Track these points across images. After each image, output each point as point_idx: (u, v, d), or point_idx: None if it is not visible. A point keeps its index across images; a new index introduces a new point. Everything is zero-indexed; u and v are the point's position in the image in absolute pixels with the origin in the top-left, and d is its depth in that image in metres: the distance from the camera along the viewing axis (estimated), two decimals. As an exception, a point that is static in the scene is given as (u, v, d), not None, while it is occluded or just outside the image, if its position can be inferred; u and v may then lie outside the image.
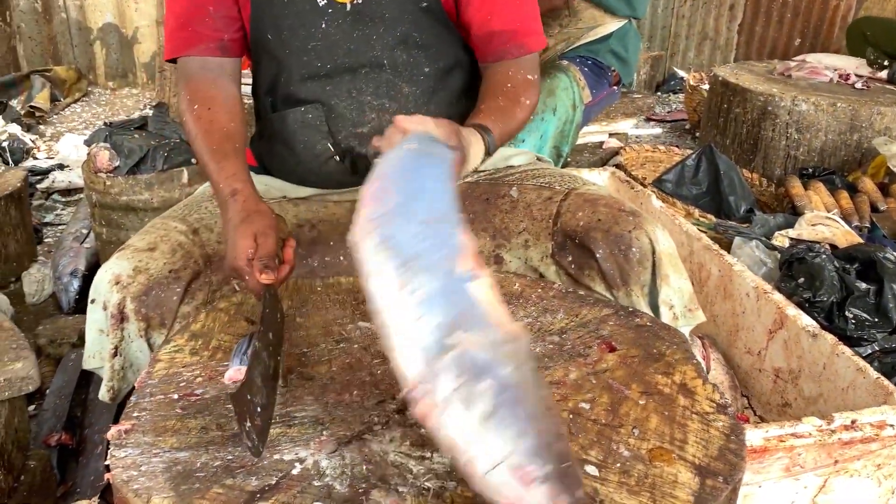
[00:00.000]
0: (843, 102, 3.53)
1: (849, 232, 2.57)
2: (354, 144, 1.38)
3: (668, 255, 1.30)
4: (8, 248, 2.77)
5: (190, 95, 1.32)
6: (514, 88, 1.33)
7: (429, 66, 1.38)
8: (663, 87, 6.40)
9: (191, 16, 1.33)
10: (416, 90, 1.38)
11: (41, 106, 4.82)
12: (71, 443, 1.86)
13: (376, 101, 1.37)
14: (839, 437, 1.39)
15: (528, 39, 1.38)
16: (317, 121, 1.36)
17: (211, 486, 0.80)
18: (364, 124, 1.37)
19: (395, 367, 0.74)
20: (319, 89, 1.36)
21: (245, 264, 1.08)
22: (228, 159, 1.23)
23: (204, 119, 1.29)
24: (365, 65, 1.35)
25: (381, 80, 1.36)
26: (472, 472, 0.68)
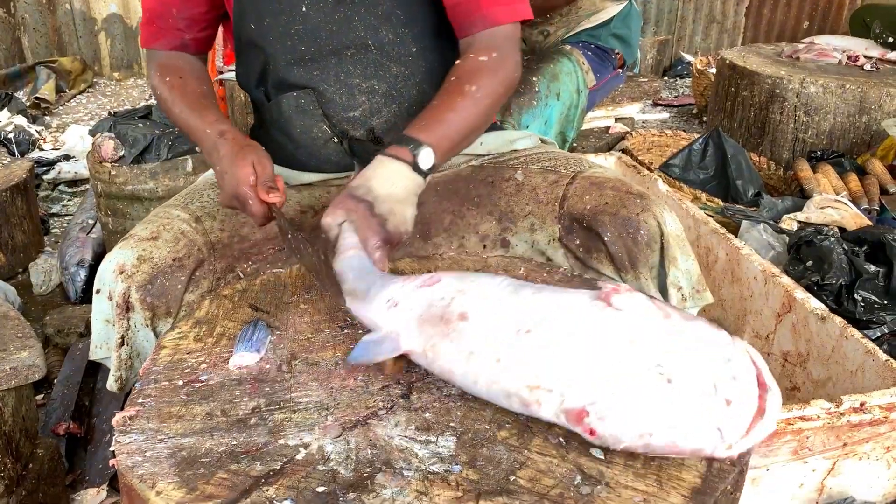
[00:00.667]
0: (851, 84, 3.50)
1: (858, 214, 2.55)
2: (348, 128, 1.38)
3: (676, 237, 1.29)
4: (15, 239, 2.78)
5: (160, 71, 1.39)
6: (457, 79, 1.24)
7: (415, 46, 1.36)
8: (670, 72, 6.36)
9: (157, 13, 1.40)
10: (404, 70, 1.36)
11: (47, 97, 4.83)
12: (79, 432, 1.87)
13: (365, 83, 1.35)
14: (848, 419, 1.38)
15: (494, 10, 1.27)
16: (310, 105, 1.36)
17: (216, 472, 0.79)
18: (355, 108, 1.37)
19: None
20: (307, 74, 1.35)
21: (249, 189, 1.15)
22: (209, 110, 1.30)
23: (177, 86, 1.35)
24: (349, 46, 1.33)
25: (367, 61, 1.34)
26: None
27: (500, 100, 1.29)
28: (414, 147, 1.13)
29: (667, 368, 0.78)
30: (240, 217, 1.33)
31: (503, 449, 0.84)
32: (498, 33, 1.28)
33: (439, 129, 1.17)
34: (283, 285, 1.20)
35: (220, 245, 1.29)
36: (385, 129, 1.39)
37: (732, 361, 0.78)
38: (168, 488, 0.77)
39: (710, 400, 0.76)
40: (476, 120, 1.24)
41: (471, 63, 1.26)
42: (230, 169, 1.18)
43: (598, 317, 0.84)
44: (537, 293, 0.90)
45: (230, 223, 1.32)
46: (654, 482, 0.79)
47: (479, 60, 1.25)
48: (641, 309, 0.84)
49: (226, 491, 0.77)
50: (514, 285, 0.92)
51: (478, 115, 1.23)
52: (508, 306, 0.88)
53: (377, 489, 0.78)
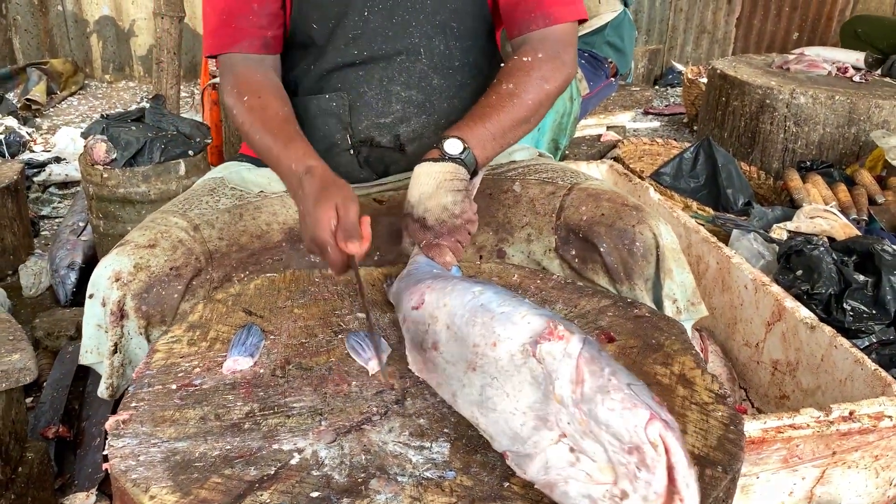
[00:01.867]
0: (841, 95, 3.53)
1: (847, 224, 2.57)
2: (374, 134, 1.39)
3: (672, 250, 1.29)
4: (5, 241, 2.76)
5: (238, 88, 1.31)
6: (497, 79, 1.29)
7: (459, 60, 1.39)
8: (661, 81, 6.40)
9: (235, 12, 1.33)
10: (444, 83, 1.39)
11: (38, 99, 4.80)
12: (68, 435, 1.86)
13: (405, 92, 1.37)
14: (837, 428, 1.39)
15: (555, 9, 1.32)
16: (339, 109, 1.37)
17: (210, 476, 0.79)
18: (388, 114, 1.38)
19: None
20: (353, 75, 1.36)
21: (328, 236, 1.06)
22: (294, 141, 1.22)
23: (257, 108, 1.28)
24: (401, 52, 1.35)
25: (414, 70, 1.36)
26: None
27: (546, 95, 1.31)
28: (439, 141, 1.20)
29: (571, 441, 0.75)
30: (238, 226, 1.32)
31: (497, 455, 0.84)
32: (551, 34, 1.33)
33: (468, 122, 1.24)
34: (276, 290, 1.20)
35: (219, 254, 1.27)
36: (410, 138, 1.40)
37: (636, 453, 0.69)
38: (162, 492, 0.77)
39: (607, 487, 0.72)
40: (515, 112, 1.27)
41: (512, 64, 1.32)
42: (312, 209, 1.09)
43: (521, 367, 0.81)
44: (486, 325, 0.87)
45: (229, 232, 1.30)
46: (647, 489, 0.80)
47: (522, 61, 1.31)
48: (562, 368, 0.77)
49: (220, 495, 0.77)
50: (473, 310, 0.90)
51: (517, 108, 1.27)
52: (462, 339, 0.89)
53: (371, 495, 0.78)
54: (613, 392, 0.72)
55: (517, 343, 0.82)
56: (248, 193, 1.40)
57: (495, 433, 0.83)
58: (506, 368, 0.82)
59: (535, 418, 0.78)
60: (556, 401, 0.76)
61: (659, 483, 0.68)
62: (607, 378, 0.73)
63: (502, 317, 0.85)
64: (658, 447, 0.68)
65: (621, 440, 0.70)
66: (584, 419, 0.73)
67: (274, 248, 1.32)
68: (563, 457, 0.75)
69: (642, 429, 0.69)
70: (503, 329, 0.84)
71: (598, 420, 0.71)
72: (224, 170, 1.48)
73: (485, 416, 0.85)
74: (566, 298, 1.19)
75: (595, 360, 0.75)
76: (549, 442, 0.77)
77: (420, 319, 0.97)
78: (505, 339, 0.83)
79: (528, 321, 0.83)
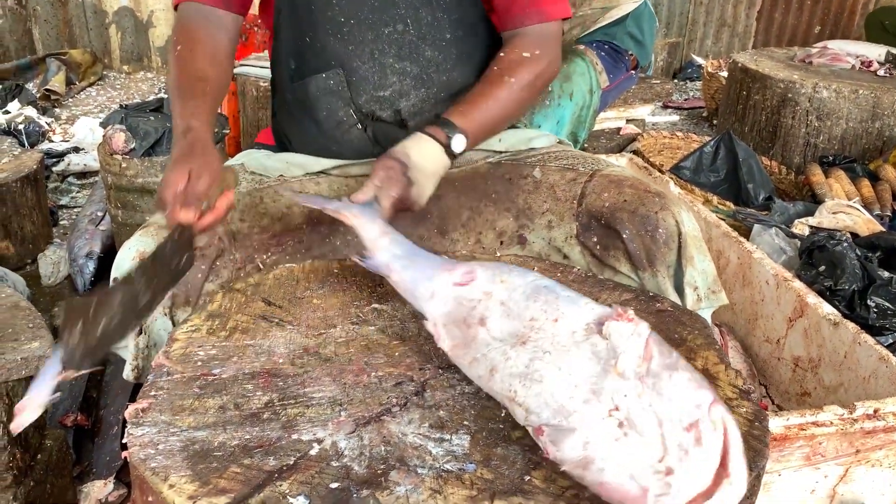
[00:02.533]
0: (864, 90, 3.48)
1: (870, 220, 2.54)
2: (375, 108, 1.38)
3: (693, 237, 1.29)
4: (24, 230, 2.78)
5: (177, 38, 1.31)
6: (498, 70, 1.32)
7: (451, 32, 1.37)
8: (680, 75, 6.34)
9: None
10: (437, 55, 1.37)
11: (57, 89, 4.83)
12: (87, 423, 1.87)
13: (398, 63, 1.36)
14: (861, 426, 1.37)
15: (548, 6, 1.36)
16: (338, 86, 1.36)
17: (229, 466, 0.79)
18: (385, 87, 1.37)
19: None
20: (342, 49, 1.35)
21: (170, 196, 1.05)
22: (195, 98, 1.21)
23: (182, 59, 1.27)
24: (388, 23, 1.34)
25: (403, 42, 1.35)
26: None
27: (537, 94, 1.38)
28: (450, 131, 1.23)
29: (623, 415, 0.74)
30: (259, 208, 1.33)
31: (518, 448, 0.83)
32: (545, 30, 1.36)
33: (476, 116, 1.26)
34: (295, 280, 1.19)
35: (241, 235, 1.28)
36: (411, 113, 1.39)
37: (695, 431, 0.69)
38: (181, 481, 0.76)
39: (651, 463, 0.70)
40: (511, 111, 1.33)
41: (515, 56, 1.33)
42: (168, 168, 1.10)
43: (582, 343, 0.81)
44: (549, 302, 0.88)
45: (250, 214, 1.32)
46: (671, 485, 0.78)
47: (523, 55, 1.32)
48: (629, 344, 0.77)
49: (239, 485, 0.76)
50: (535, 289, 0.90)
51: (513, 106, 1.32)
52: (518, 315, 0.89)
53: (391, 486, 0.77)
54: (682, 370, 0.74)
55: (581, 321, 0.83)
56: (268, 178, 1.41)
57: (536, 405, 0.80)
58: (563, 343, 0.82)
59: (588, 391, 0.77)
60: (617, 374, 0.76)
61: (711, 462, 0.68)
62: (675, 359, 0.75)
63: (567, 299, 0.87)
64: (717, 428, 0.69)
65: (682, 417, 0.70)
66: (646, 392, 0.73)
67: (295, 230, 1.32)
68: (609, 432, 0.74)
69: (706, 407, 0.70)
70: (568, 308, 0.85)
71: (662, 393, 0.72)
72: (244, 156, 1.50)
73: (527, 388, 0.82)
74: (587, 292, 1.17)
75: (663, 344, 0.78)
76: (597, 416, 0.75)
77: (466, 295, 0.95)
78: (569, 316, 0.84)
79: (592, 308, 0.85)
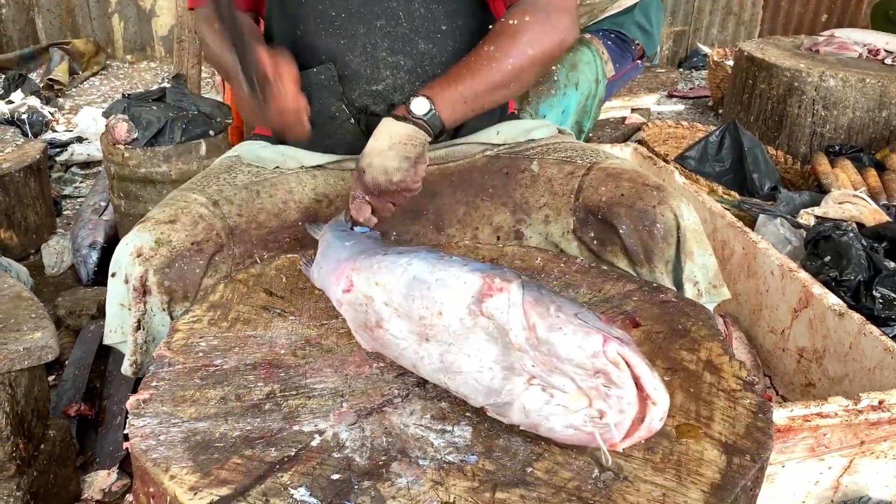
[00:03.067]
0: (872, 78, 3.45)
1: (877, 210, 2.52)
2: (369, 103, 1.36)
3: (693, 231, 1.27)
4: (27, 220, 2.78)
5: (209, 25, 1.35)
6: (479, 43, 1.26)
7: (446, 24, 1.34)
8: (686, 63, 6.30)
9: None
10: (431, 48, 1.35)
11: (60, 79, 4.82)
12: (90, 413, 1.87)
13: (391, 57, 1.33)
14: (866, 417, 1.36)
15: None
16: (330, 81, 1.34)
17: (230, 457, 0.79)
18: (379, 82, 1.35)
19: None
20: (334, 43, 1.33)
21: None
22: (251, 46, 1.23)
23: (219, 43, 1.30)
24: (380, 16, 1.31)
25: (396, 35, 1.33)
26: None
27: (529, 61, 1.26)
28: (408, 100, 1.20)
29: (539, 381, 0.79)
30: (256, 204, 1.32)
31: (520, 440, 0.83)
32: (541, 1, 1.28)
33: (442, 81, 1.22)
34: (297, 270, 1.19)
35: (238, 230, 1.28)
36: None
37: (602, 375, 0.75)
38: (182, 472, 0.76)
39: (584, 412, 0.76)
40: (492, 76, 1.24)
41: (498, 27, 1.28)
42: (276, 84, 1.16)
43: (473, 327, 0.83)
44: (425, 297, 0.87)
45: (247, 209, 1.31)
46: (674, 477, 0.78)
47: (508, 24, 1.27)
48: (511, 317, 0.79)
49: (240, 476, 0.76)
50: (409, 285, 0.89)
51: (494, 72, 1.24)
52: (407, 315, 0.89)
53: (392, 478, 0.77)
54: (564, 327, 0.76)
55: (462, 307, 0.83)
56: (264, 170, 1.40)
57: (468, 392, 0.84)
58: (458, 332, 0.84)
59: (502, 370, 0.81)
60: (516, 349, 0.79)
61: (630, 394, 0.74)
62: (555, 315, 0.77)
63: (438, 284, 0.86)
64: (619, 363, 0.73)
65: (585, 368, 0.75)
66: (546, 358, 0.77)
67: (291, 226, 1.32)
68: (537, 398, 0.78)
69: (601, 352, 0.73)
70: (443, 295, 0.85)
71: (559, 356, 0.76)
72: (240, 148, 1.49)
73: (453, 380, 0.85)
74: (590, 282, 1.17)
75: (539, 301, 0.78)
76: (521, 388, 0.79)
77: (355, 301, 0.96)
78: (448, 305, 0.84)
79: (463, 282, 0.84)
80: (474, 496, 0.74)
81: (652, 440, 0.82)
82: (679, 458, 0.81)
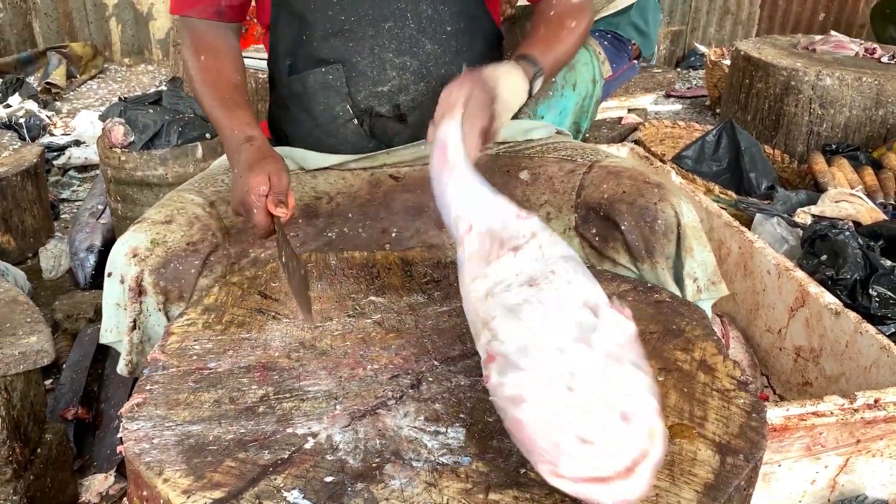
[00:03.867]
0: (868, 77, 3.45)
1: (873, 209, 2.53)
2: (374, 104, 1.38)
3: (693, 228, 1.28)
4: (25, 224, 2.78)
5: (194, 45, 1.35)
6: (558, 15, 1.33)
7: (451, 25, 1.37)
8: (683, 63, 6.31)
9: None
10: (437, 48, 1.36)
11: (57, 82, 4.83)
12: (87, 417, 1.87)
13: (398, 58, 1.35)
14: (861, 416, 1.36)
15: None
16: (337, 82, 1.35)
17: (223, 460, 0.79)
18: (385, 83, 1.36)
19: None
20: (342, 46, 1.34)
21: (258, 199, 1.12)
22: (241, 108, 1.28)
23: (211, 69, 1.32)
24: (388, 18, 1.33)
25: (403, 36, 1.35)
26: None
27: (583, 41, 1.38)
28: (536, 73, 1.22)
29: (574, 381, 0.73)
30: None
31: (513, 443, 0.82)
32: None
33: (551, 58, 1.27)
34: (292, 273, 1.19)
35: (235, 230, 1.28)
36: (410, 107, 1.39)
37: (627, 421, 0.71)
38: (175, 476, 0.76)
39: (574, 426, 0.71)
40: (570, 55, 1.35)
41: (567, 2, 1.35)
42: (245, 174, 1.15)
43: (575, 310, 0.79)
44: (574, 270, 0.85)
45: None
46: (667, 477, 0.78)
47: (571, 2, 1.35)
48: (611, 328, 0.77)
49: (233, 479, 0.76)
50: (569, 257, 0.88)
51: (573, 50, 1.35)
52: (545, 261, 0.87)
53: (386, 480, 0.77)
54: (644, 374, 0.75)
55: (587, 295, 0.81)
56: None
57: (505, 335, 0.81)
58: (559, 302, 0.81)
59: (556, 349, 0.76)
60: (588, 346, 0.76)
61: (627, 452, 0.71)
62: (643, 364, 0.77)
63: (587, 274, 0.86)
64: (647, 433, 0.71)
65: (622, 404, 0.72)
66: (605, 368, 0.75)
67: (290, 224, 1.32)
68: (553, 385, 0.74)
69: (649, 408, 0.73)
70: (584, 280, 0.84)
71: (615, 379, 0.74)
72: None
73: (507, 320, 0.81)
74: (585, 282, 1.17)
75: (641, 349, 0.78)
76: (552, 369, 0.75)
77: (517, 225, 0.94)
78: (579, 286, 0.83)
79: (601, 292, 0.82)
80: (468, 498, 0.75)
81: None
82: (672, 458, 0.81)
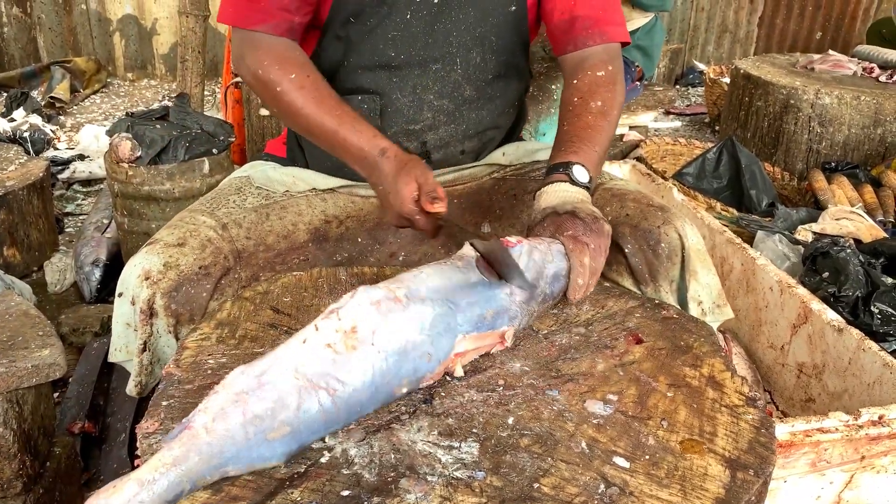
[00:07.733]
0: (867, 96, 3.49)
1: (873, 226, 2.54)
2: (402, 139, 1.38)
3: (697, 251, 1.28)
4: (30, 238, 2.79)
5: (280, 64, 1.26)
6: (581, 100, 1.30)
7: (493, 73, 1.39)
8: (682, 81, 6.36)
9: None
10: (475, 94, 1.39)
11: (61, 97, 4.86)
12: (94, 431, 1.88)
13: (437, 101, 1.37)
14: (866, 432, 1.37)
15: (610, 28, 1.36)
16: (371, 112, 1.35)
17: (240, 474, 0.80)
18: (418, 122, 1.37)
19: None
20: (385, 79, 1.34)
21: (414, 207, 1.14)
22: (358, 121, 1.23)
23: (309, 86, 1.25)
24: (438, 60, 1.34)
25: (448, 80, 1.36)
26: None
27: (621, 107, 1.36)
28: (565, 168, 1.20)
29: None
30: (265, 226, 1.32)
31: (526, 456, 0.83)
32: (610, 50, 1.36)
33: (579, 144, 1.24)
34: (303, 288, 1.20)
35: (246, 254, 1.28)
36: (436, 146, 1.41)
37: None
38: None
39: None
40: (608, 130, 1.30)
41: (589, 79, 1.33)
42: (394, 186, 1.16)
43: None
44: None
45: (256, 231, 1.31)
46: (679, 492, 0.79)
47: (597, 75, 1.33)
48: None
49: (250, 493, 0.77)
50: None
51: (608, 126, 1.29)
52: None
53: (401, 494, 0.77)
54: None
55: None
56: (275, 193, 1.40)
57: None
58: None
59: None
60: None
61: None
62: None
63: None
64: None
65: None
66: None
67: (300, 248, 1.32)
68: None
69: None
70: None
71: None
72: (250, 169, 1.48)
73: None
74: (593, 299, 1.18)
75: None
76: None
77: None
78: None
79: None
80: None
81: (656, 455, 0.84)
82: (683, 473, 0.82)
